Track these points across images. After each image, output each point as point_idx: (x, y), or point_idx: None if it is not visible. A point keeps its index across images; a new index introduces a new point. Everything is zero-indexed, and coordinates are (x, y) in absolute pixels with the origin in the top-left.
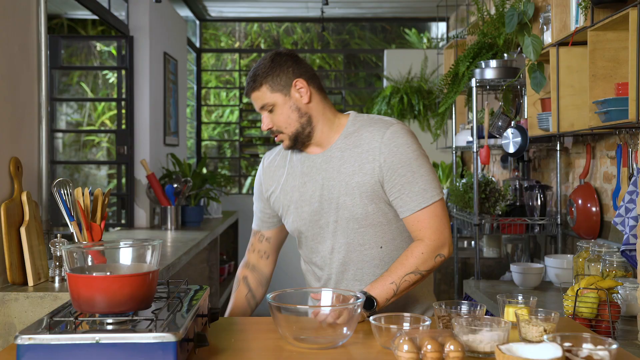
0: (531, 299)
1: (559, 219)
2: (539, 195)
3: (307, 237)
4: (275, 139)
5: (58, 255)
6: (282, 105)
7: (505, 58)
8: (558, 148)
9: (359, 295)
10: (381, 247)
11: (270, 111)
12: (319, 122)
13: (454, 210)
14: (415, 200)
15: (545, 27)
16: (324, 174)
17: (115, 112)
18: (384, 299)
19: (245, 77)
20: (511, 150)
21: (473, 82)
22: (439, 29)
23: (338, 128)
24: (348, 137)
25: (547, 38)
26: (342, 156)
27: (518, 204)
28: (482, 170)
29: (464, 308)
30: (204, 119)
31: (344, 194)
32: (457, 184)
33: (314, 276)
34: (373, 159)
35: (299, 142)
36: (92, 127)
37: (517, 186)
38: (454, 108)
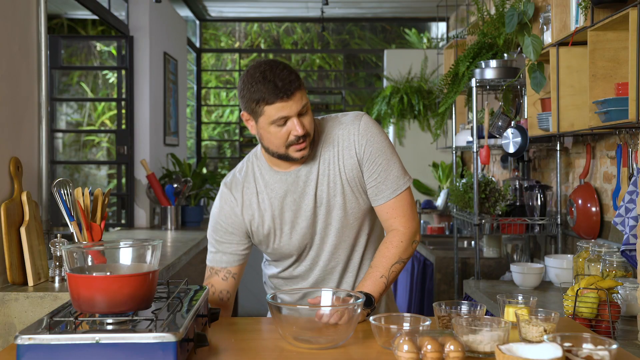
0: (531, 299)
1: (559, 219)
2: (539, 195)
3: (306, 251)
4: (297, 146)
5: (58, 255)
6: (309, 107)
7: (505, 58)
8: (558, 148)
9: (358, 295)
10: (368, 234)
11: (304, 113)
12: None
13: (454, 210)
14: (390, 187)
15: (545, 27)
16: (310, 182)
17: (115, 112)
18: (378, 294)
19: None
20: (511, 150)
21: (473, 82)
22: (439, 29)
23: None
24: (325, 144)
25: (547, 38)
26: (323, 161)
27: (518, 204)
28: (482, 170)
29: (464, 308)
30: (204, 119)
31: (333, 195)
32: (457, 184)
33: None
34: (350, 155)
35: (311, 147)
36: (92, 127)
37: (517, 186)
38: (454, 108)
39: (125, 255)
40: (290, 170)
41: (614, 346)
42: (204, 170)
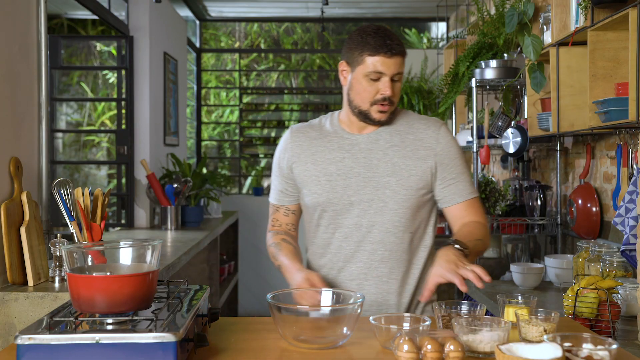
0: (531, 299)
1: (559, 219)
2: (539, 195)
3: (333, 211)
4: (381, 107)
5: (58, 255)
6: (402, 82)
7: (505, 58)
8: (558, 148)
9: (358, 295)
10: (411, 233)
11: (396, 81)
12: None
13: None
14: (468, 189)
15: (545, 27)
16: (368, 153)
17: (115, 112)
18: (469, 248)
19: (243, 77)
20: (511, 150)
21: (473, 82)
22: (439, 29)
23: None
24: (397, 124)
25: (547, 38)
26: (391, 139)
27: (518, 204)
28: (482, 170)
29: (464, 308)
30: (204, 119)
31: (389, 174)
32: None
33: (327, 255)
34: (429, 147)
35: (390, 118)
36: (92, 127)
37: (517, 186)
38: (454, 108)
39: (125, 255)
40: (353, 133)
41: (614, 346)
42: (204, 170)
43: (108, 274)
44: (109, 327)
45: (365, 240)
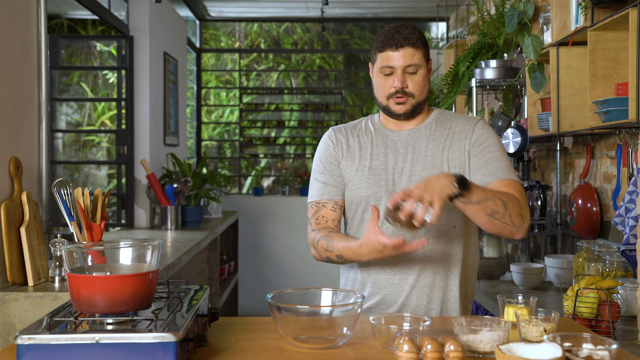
0: (531, 299)
1: (559, 219)
2: (539, 195)
3: (378, 206)
4: (396, 99)
5: (58, 255)
6: (424, 74)
7: (505, 58)
8: (558, 148)
9: (358, 295)
10: (454, 227)
11: (412, 73)
12: (426, 102)
13: None
14: (501, 169)
15: (545, 27)
16: (410, 148)
17: (115, 112)
18: (475, 192)
19: (243, 77)
20: (511, 150)
21: (473, 82)
22: (439, 29)
23: (428, 113)
24: (438, 121)
25: (547, 38)
26: (430, 134)
27: None
28: None
29: (407, 205)
30: (204, 119)
31: (429, 168)
32: None
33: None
34: (465, 137)
35: (416, 111)
36: (92, 127)
37: None
38: (454, 108)
39: (125, 255)
40: (394, 130)
41: (614, 346)
42: (204, 170)
43: (108, 274)
44: (109, 327)
45: (408, 235)
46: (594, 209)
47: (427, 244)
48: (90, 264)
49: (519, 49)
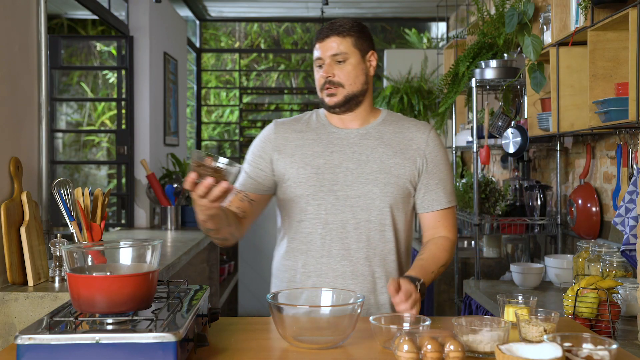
0: (531, 299)
1: (559, 219)
2: (539, 195)
3: (318, 205)
4: (327, 91)
5: (58, 255)
6: (355, 63)
7: (505, 58)
8: (558, 148)
9: (358, 295)
10: (396, 233)
11: (340, 62)
12: (367, 98)
13: None
14: (447, 197)
15: (545, 27)
16: (357, 149)
17: (115, 112)
18: (428, 281)
19: (243, 77)
20: (511, 150)
21: (473, 82)
22: (439, 29)
23: (375, 113)
24: (387, 124)
25: (547, 38)
26: (380, 137)
27: (518, 204)
28: (482, 170)
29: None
30: (204, 119)
31: (377, 171)
32: (457, 184)
33: (310, 252)
34: (418, 147)
35: (350, 103)
36: (92, 127)
37: (517, 186)
38: (454, 108)
39: (125, 255)
40: (342, 128)
41: (614, 346)
42: None
43: (108, 274)
44: (109, 327)
45: (351, 238)
46: (594, 209)
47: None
48: (90, 264)
49: (519, 49)
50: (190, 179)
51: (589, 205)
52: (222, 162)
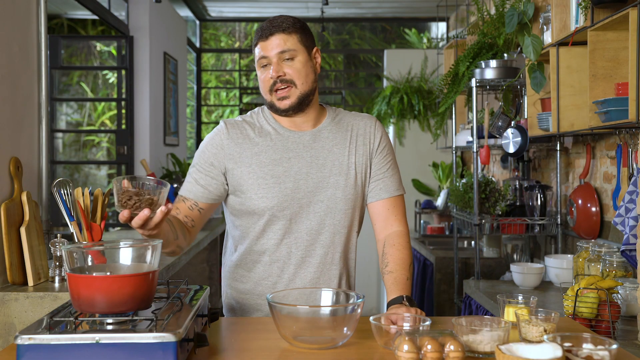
0: (531, 299)
1: (559, 219)
2: (539, 195)
3: (283, 215)
4: (278, 92)
5: (58, 255)
6: (304, 61)
7: (505, 58)
8: (558, 148)
9: (359, 294)
10: (357, 232)
11: (289, 59)
12: (316, 97)
13: (454, 210)
14: (394, 185)
15: (545, 27)
16: (313, 152)
17: (115, 112)
18: (410, 294)
19: (243, 77)
20: (511, 150)
21: (473, 82)
22: (439, 29)
23: (322, 112)
24: (336, 122)
25: (547, 38)
26: (334, 137)
27: (518, 204)
28: (482, 170)
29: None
30: (204, 119)
31: (336, 174)
32: (457, 184)
33: (275, 262)
34: (368, 142)
35: (302, 104)
36: (92, 127)
37: (517, 186)
38: (454, 108)
39: (125, 255)
40: (295, 131)
41: (614, 346)
42: None
43: (108, 274)
44: (109, 327)
45: (316, 244)
46: (594, 209)
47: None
48: (90, 264)
49: (519, 49)
50: (124, 217)
51: (589, 205)
52: (149, 185)
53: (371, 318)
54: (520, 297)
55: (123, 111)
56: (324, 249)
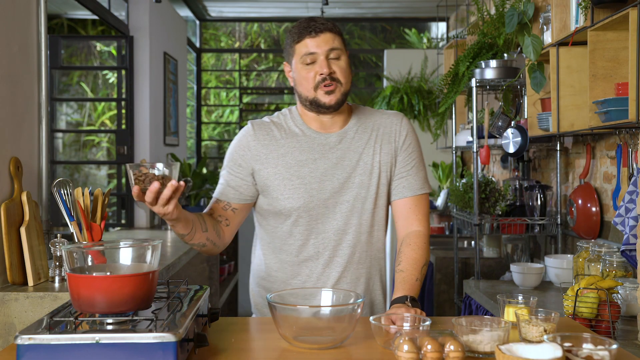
0: (531, 299)
1: (559, 219)
2: (539, 195)
3: (309, 216)
4: (326, 88)
5: (58, 255)
6: (347, 60)
7: (505, 58)
8: (558, 148)
9: (359, 294)
10: (384, 231)
11: (336, 58)
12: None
13: (454, 210)
14: (418, 183)
15: (545, 27)
16: (338, 153)
17: (115, 112)
18: (417, 296)
19: (243, 77)
20: (511, 150)
21: (473, 82)
22: (439, 29)
23: (349, 112)
24: (362, 122)
25: (547, 38)
26: (359, 138)
27: (518, 204)
28: (482, 170)
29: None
30: (204, 119)
31: (361, 174)
32: (457, 184)
33: (303, 262)
34: (392, 139)
35: (342, 103)
36: (92, 127)
37: (517, 186)
38: (454, 108)
39: (125, 255)
40: (321, 132)
41: (614, 346)
42: (204, 170)
43: (108, 274)
44: (109, 327)
45: (343, 243)
46: (594, 209)
47: None
48: (90, 264)
49: (519, 49)
50: (135, 191)
51: (589, 205)
52: (159, 166)
53: (371, 318)
54: (520, 297)
55: (123, 111)
56: (351, 248)
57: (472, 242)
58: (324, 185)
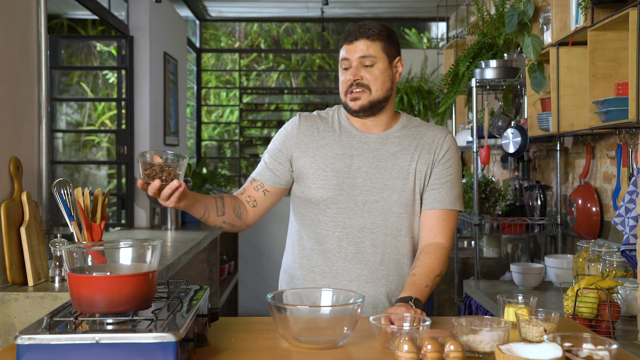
0: (531, 299)
1: (559, 219)
2: (539, 195)
3: (337, 209)
4: (352, 92)
5: (58, 255)
6: (383, 68)
7: (505, 58)
8: (558, 148)
9: (359, 294)
10: (412, 238)
11: (368, 66)
12: (390, 104)
13: None
14: (449, 198)
15: (545, 27)
16: (376, 153)
17: (115, 112)
18: (424, 301)
19: (243, 77)
20: (511, 150)
21: (473, 82)
22: (439, 29)
23: (395, 118)
24: (407, 129)
25: (547, 38)
26: (400, 142)
27: (518, 204)
28: (482, 170)
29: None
30: (204, 119)
31: (396, 177)
32: None
33: (325, 253)
34: (432, 150)
35: (374, 109)
36: (92, 127)
37: (517, 186)
38: (454, 108)
39: (125, 255)
40: (364, 132)
41: (614, 346)
42: (204, 170)
43: (108, 274)
44: (109, 327)
45: (367, 242)
46: (594, 209)
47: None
48: (90, 264)
49: (519, 49)
50: (140, 184)
51: (589, 205)
52: (169, 157)
53: (371, 318)
54: (520, 297)
55: (123, 111)
56: (374, 248)
57: (472, 242)
58: (356, 182)
